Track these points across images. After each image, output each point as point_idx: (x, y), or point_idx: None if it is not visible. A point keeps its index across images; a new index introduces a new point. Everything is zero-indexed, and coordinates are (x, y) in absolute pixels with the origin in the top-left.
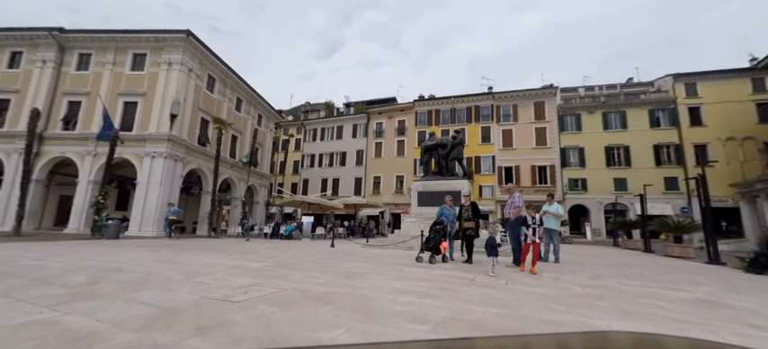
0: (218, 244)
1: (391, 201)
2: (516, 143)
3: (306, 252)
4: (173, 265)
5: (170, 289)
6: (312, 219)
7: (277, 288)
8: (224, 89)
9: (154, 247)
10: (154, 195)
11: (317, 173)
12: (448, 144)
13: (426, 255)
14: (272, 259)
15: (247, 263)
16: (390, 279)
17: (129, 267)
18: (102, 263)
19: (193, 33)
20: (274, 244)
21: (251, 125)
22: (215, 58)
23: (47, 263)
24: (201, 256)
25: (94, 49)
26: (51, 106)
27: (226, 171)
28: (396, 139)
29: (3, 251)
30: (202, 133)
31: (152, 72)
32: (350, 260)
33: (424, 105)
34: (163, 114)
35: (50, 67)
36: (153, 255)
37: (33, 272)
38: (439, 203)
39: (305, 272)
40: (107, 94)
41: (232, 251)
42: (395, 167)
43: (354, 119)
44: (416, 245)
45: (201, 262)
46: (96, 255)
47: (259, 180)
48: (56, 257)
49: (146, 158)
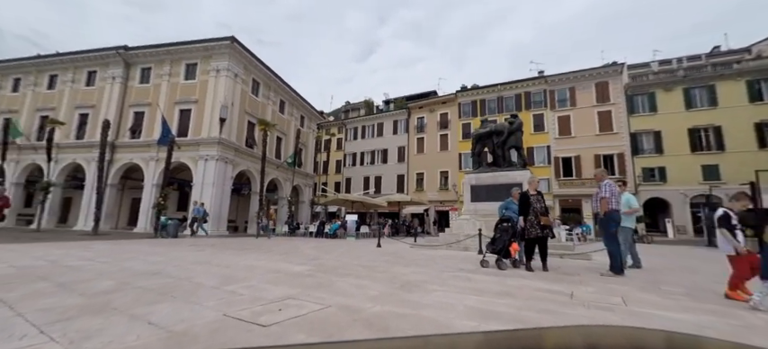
0: (262, 242)
1: (436, 197)
2: (575, 130)
3: (351, 253)
4: (210, 268)
5: (193, 300)
6: (356, 218)
7: (318, 303)
8: (268, 92)
9: (202, 247)
10: (208, 196)
11: (359, 171)
12: (504, 130)
13: (492, 258)
14: (315, 261)
15: (288, 266)
16: (459, 292)
17: (167, 270)
18: (144, 264)
19: (237, 39)
20: (319, 243)
21: (294, 126)
22: (258, 62)
23: (90, 265)
24: (242, 257)
25: (153, 63)
26: (120, 117)
27: (272, 172)
28: (438, 134)
29: (62, 250)
30: (249, 135)
31: (202, 80)
32: (401, 263)
33: (467, 96)
34: (213, 119)
35: (118, 82)
36: (197, 255)
37: (68, 274)
38: (496, 198)
39: (352, 279)
40: (165, 104)
41: (274, 251)
42: (438, 163)
43: (394, 115)
44: (473, 245)
45: (240, 264)
46: (145, 254)
47: (303, 180)
48: (103, 258)
49: (199, 161)
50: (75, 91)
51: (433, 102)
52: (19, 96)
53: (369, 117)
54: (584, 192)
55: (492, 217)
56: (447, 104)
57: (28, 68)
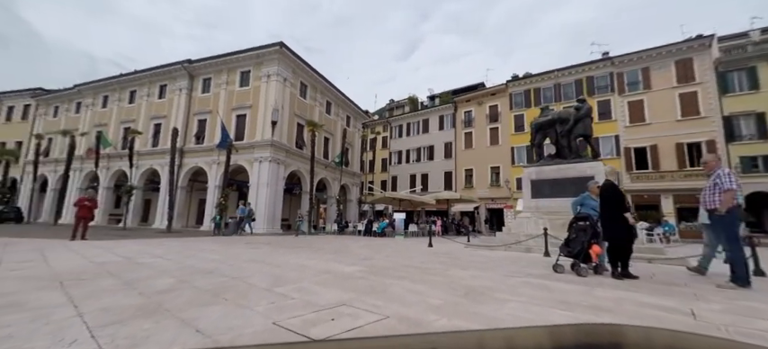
0: (314, 240)
1: (486, 194)
2: (650, 116)
3: (401, 252)
4: (263, 267)
5: (243, 304)
6: (404, 216)
7: (374, 312)
8: (315, 94)
9: (257, 245)
10: (263, 196)
11: (405, 169)
12: (569, 118)
13: (566, 261)
14: (366, 262)
15: (338, 267)
16: (538, 304)
17: (222, 268)
18: (203, 262)
19: (285, 44)
20: (368, 241)
21: (340, 126)
22: (305, 65)
23: (157, 262)
24: (294, 256)
25: (213, 73)
26: (187, 125)
27: (321, 171)
28: (488, 127)
29: (139, 246)
30: (299, 137)
31: (255, 86)
32: (457, 266)
33: (519, 85)
34: (266, 122)
35: (184, 93)
36: (252, 253)
37: (135, 271)
38: (561, 193)
39: (407, 283)
40: (223, 110)
41: (326, 249)
42: (488, 158)
43: (440, 110)
44: (536, 246)
45: (291, 263)
46: (205, 252)
47: (350, 179)
48: (171, 255)
49: (255, 163)
50: (150, 103)
51: (482, 94)
52: (107, 111)
53: (413, 114)
54: (664, 187)
55: (558, 214)
56: (496, 96)
57: (113, 86)
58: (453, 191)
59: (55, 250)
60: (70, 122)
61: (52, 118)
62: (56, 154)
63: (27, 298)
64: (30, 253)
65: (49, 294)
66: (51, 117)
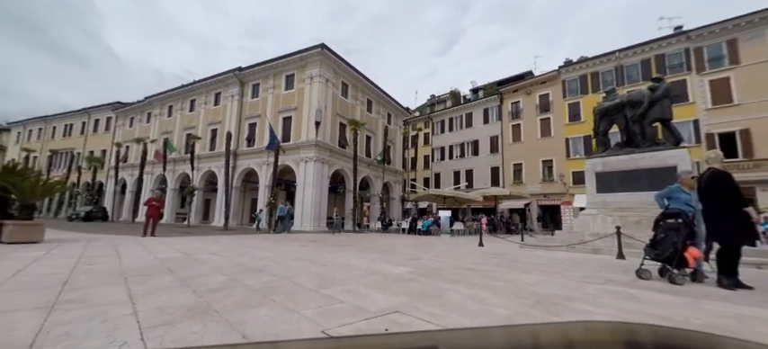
0: (359, 239)
1: (538, 190)
2: (739, 96)
3: (451, 252)
4: (310, 266)
5: (290, 306)
6: (449, 214)
7: (431, 322)
8: (356, 93)
9: (305, 242)
10: (309, 195)
11: (449, 165)
12: (642, 100)
13: (653, 266)
14: (414, 262)
15: (387, 267)
16: (632, 319)
17: (271, 267)
18: (253, 260)
19: (327, 45)
20: (413, 240)
21: (381, 124)
22: (346, 64)
23: (212, 259)
24: (340, 254)
25: (260, 79)
26: (239, 129)
27: (363, 170)
28: (538, 118)
29: (198, 243)
30: (341, 136)
31: (299, 88)
32: (517, 268)
33: (573, 70)
34: (309, 123)
35: (236, 99)
36: (300, 251)
37: (191, 268)
38: (634, 187)
39: (463, 288)
40: (271, 113)
41: (371, 248)
42: (540, 151)
43: (484, 103)
44: (606, 247)
45: (338, 262)
46: (256, 249)
47: (393, 176)
48: (225, 252)
49: (300, 163)
50: (207, 110)
51: (530, 83)
52: (172, 119)
53: (456, 108)
54: (760, 177)
55: (631, 211)
56: (547, 84)
57: (177, 97)
58: (501, 187)
59: (127, 246)
60: (142, 131)
61: (128, 127)
62: (132, 159)
63: (93, 293)
64: (107, 248)
65: (113, 290)
66: (128, 127)
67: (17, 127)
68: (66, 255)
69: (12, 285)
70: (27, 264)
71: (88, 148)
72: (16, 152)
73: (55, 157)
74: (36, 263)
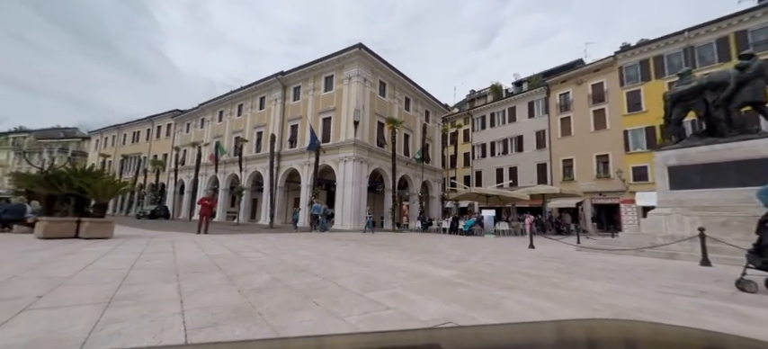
0: (399, 239)
1: (592, 188)
2: None
3: (499, 254)
4: (352, 267)
5: (334, 311)
6: (493, 213)
7: None
8: (393, 91)
9: (345, 242)
10: (348, 194)
11: (490, 162)
12: (727, 80)
13: (757, 275)
14: (461, 264)
15: (432, 269)
16: None
17: (313, 266)
18: (296, 258)
19: (364, 45)
20: (456, 240)
21: (420, 122)
22: (383, 63)
23: (257, 257)
24: (383, 255)
25: (301, 82)
26: (282, 131)
27: (402, 169)
28: (590, 110)
29: (245, 241)
30: (379, 135)
31: (338, 89)
32: (580, 274)
33: (632, 55)
34: (349, 123)
35: (279, 102)
36: (341, 250)
37: (238, 265)
38: (718, 182)
39: (522, 295)
40: (311, 115)
41: (413, 248)
42: (593, 145)
43: (529, 96)
44: (685, 251)
45: (381, 263)
46: (299, 248)
47: (432, 175)
48: (269, 250)
49: (340, 163)
50: (253, 114)
51: (581, 72)
52: (222, 124)
53: (497, 103)
54: None
55: (716, 210)
56: (601, 72)
57: (226, 103)
58: (549, 184)
59: (183, 243)
60: (197, 135)
61: (185, 133)
62: (188, 162)
63: (147, 289)
64: (165, 245)
65: (165, 287)
66: (185, 132)
67: (95, 135)
68: (130, 251)
69: (79, 279)
70: (96, 259)
71: (152, 153)
72: (95, 157)
73: (126, 161)
74: (103, 258)
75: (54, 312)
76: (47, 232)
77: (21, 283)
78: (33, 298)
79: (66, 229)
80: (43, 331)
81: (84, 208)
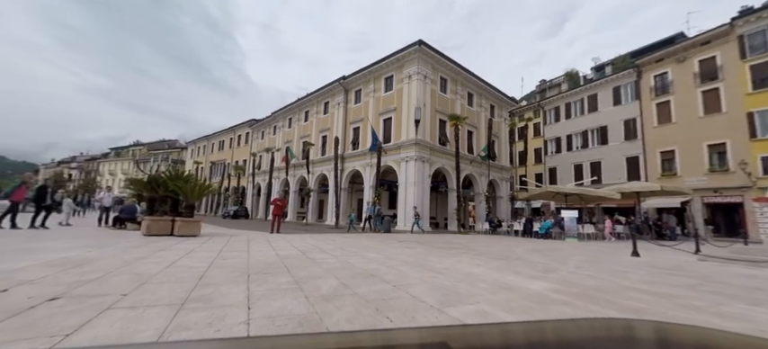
0: (468, 241)
1: (703, 184)
2: None
3: (597, 263)
4: (423, 273)
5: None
6: (576, 214)
7: None
8: (455, 87)
9: (410, 244)
10: (411, 194)
11: (567, 158)
12: None
13: None
14: (552, 275)
15: (518, 281)
16: None
17: (382, 271)
18: (363, 261)
19: (424, 41)
20: (534, 244)
21: (484, 117)
22: (443, 58)
23: (323, 259)
24: (454, 260)
25: (362, 84)
26: (345, 134)
27: (466, 167)
28: (698, 91)
29: (313, 241)
30: (441, 133)
31: (398, 88)
32: (729, 295)
33: (757, 20)
34: (409, 122)
35: (342, 106)
36: (408, 253)
37: (306, 268)
38: None
39: None
40: (372, 116)
41: (487, 252)
42: (703, 132)
43: (614, 80)
44: None
45: (455, 270)
46: (365, 250)
47: (499, 173)
48: (336, 251)
49: (402, 163)
50: (318, 119)
51: (684, 47)
52: (291, 130)
53: (574, 91)
54: None
55: None
56: (712, 45)
57: (294, 110)
58: (644, 180)
59: (257, 242)
60: (270, 142)
61: (260, 140)
62: (263, 166)
63: (219, 292)
64: (241, 243)
65: (235, 289)
66: (260, 139)
67: (191, 145)
68: (211, 249)
69: (162, 277)
70: (181, 256)
71: (234, 159)
72: (191, 164)
73: (213, 167)
74: (187, 256)
75: (131, 313)
76: (149, 230)
77: (114, 280)
78: (118, 296)
79: (163, 228)
80: (116, 335)
81: (178, 208)
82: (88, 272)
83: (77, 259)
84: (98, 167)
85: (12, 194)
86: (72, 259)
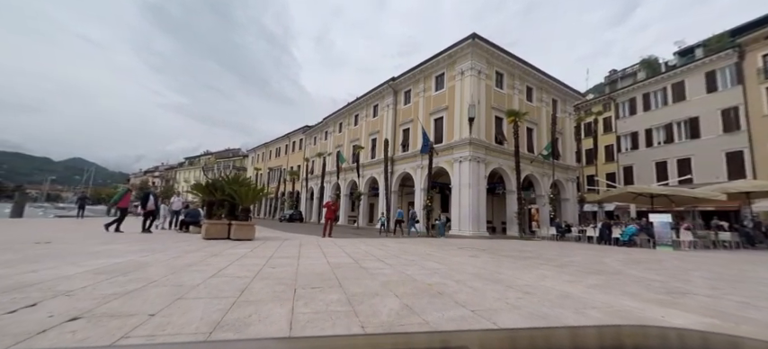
0: (537, 248)
1: None
2: None
3: (730, 282)
4: (504, 291)
5: None
6: (669, 219)
7: None
8: (513, 81)
9: (473, 251)
10: (465, 197)
11: (646, 155)
12: None
13: None
14: (686, 299)
15: (647, 310)
16: None
17: (450, 287)
18: (424, 272)
19: (478, 35)
20: (624, 254)
21: (546, 113)
22: (500, 52)
23: (378, 268)
24: (534, 274)
25: (411, 85)
26: (395, 136)
27: (526, 167)
28: None
29: (366, 246)
30: (498, 131)
31: (449, 86)
32: None
33: None
34: (462, 121)
35: (391, 107)
36: (474, 263)
37: (360, 281)
38: None
39: None
40: (423, 117)
41: (570, 264)
42: None
43: (706, 64)
44: None
45: (542, 287)
46: (423, 258)
47: (564, 173)
48: (390, 259)
49: (455, 164)
50: (368, 122)
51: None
52: (342, 134)
53: (653, 80)
54: None
55: None
56: None
57: (344, 114)
58: (751, 178)
59: (308, 247)
60: (322, 147)
61: (313, 145)
62: (316, 171)
63: (259, 312)
64: (292, 248)
65: (278, 311)
66: (313, 144)
67: (251, 153)
68: (261, 255)
69: (202, 290)
70: (230, 263)
71: (290, 165)
72: (251, 171)
73: (271, 173)
74: (236, 263)
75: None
76: (207, 233)
77: (150, 292)
78: (145, 316)
79: (221, 231)
80: None
81: (235, 212)
82: (131, 282)
83: (128, 265)
84: (175, 175)
85: (120, 201)
86: (122, 266)
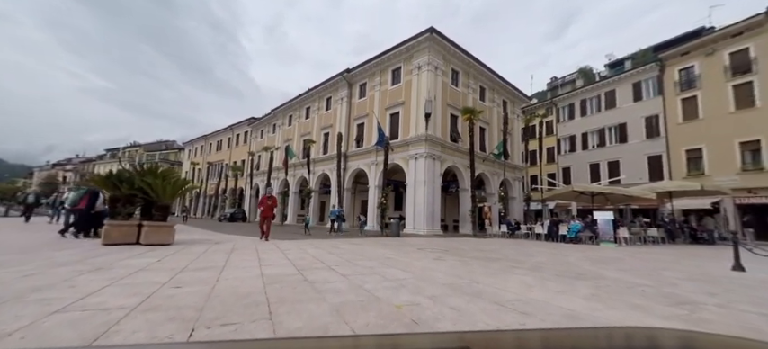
0: (497, 248)
1: (735, 184)
2: None
3: (702, 282)
4: (493, 312)
5: None
6: (612, 217)
7: None
8: (467, 80)
9: (435, 253)
10: (421, 194)
11: (582, 157)
12: None
13: None
14: (679, 302)
15: (664, 325)
16: None
17: (427, 310)
18: (389, 285)
19: (436, 29)
20: (583, 252)
21: (497, 113)
22: (456, 49)
23: (330, 282)
24: (509, 279)
25: (367, 78)
26: (348, 130)
27: (478, 166)
28: (729, 85)
29: (312, 250)
30: (453, 129)
31: (406, 81)
32: None
33: None
34: (419, 117)
35: (345, 101)
36: (442, 268)
37: (303, 306)
38: None
39: None
40: (378, 111)
41: (540, 267)
42: (734, 129)
43: (633, 75)
44: None
45: (530, 300)
46: (382, 264)
47: (512, 173)
48: (344, 267)
49: (410, 161)
50: (320, 116)
51: (712, 39)
52: (291, 128)
53: (589, 88)
54: None
55: None
56: (745, 36)
57: (295, 107)
58: (668, 179)
59: (241, 252)
60: (269, 141)
61: (259, 139)
62: (263, 167)
63: None
64: (219, 256)
65: None
66: (259, 138)
67: (188, 146)
68: (170, 267)
69: (54, 321)
70: (112, 282)
71: (232, 159)
72: (188, 166)
73: (211, 168)
74: (120, 282)
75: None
76: (107, 237)
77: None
78: None
79: (127, 234)
80: None
81: (151, 211)
82: None
83: None
84: (93, 169)
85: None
86: None
